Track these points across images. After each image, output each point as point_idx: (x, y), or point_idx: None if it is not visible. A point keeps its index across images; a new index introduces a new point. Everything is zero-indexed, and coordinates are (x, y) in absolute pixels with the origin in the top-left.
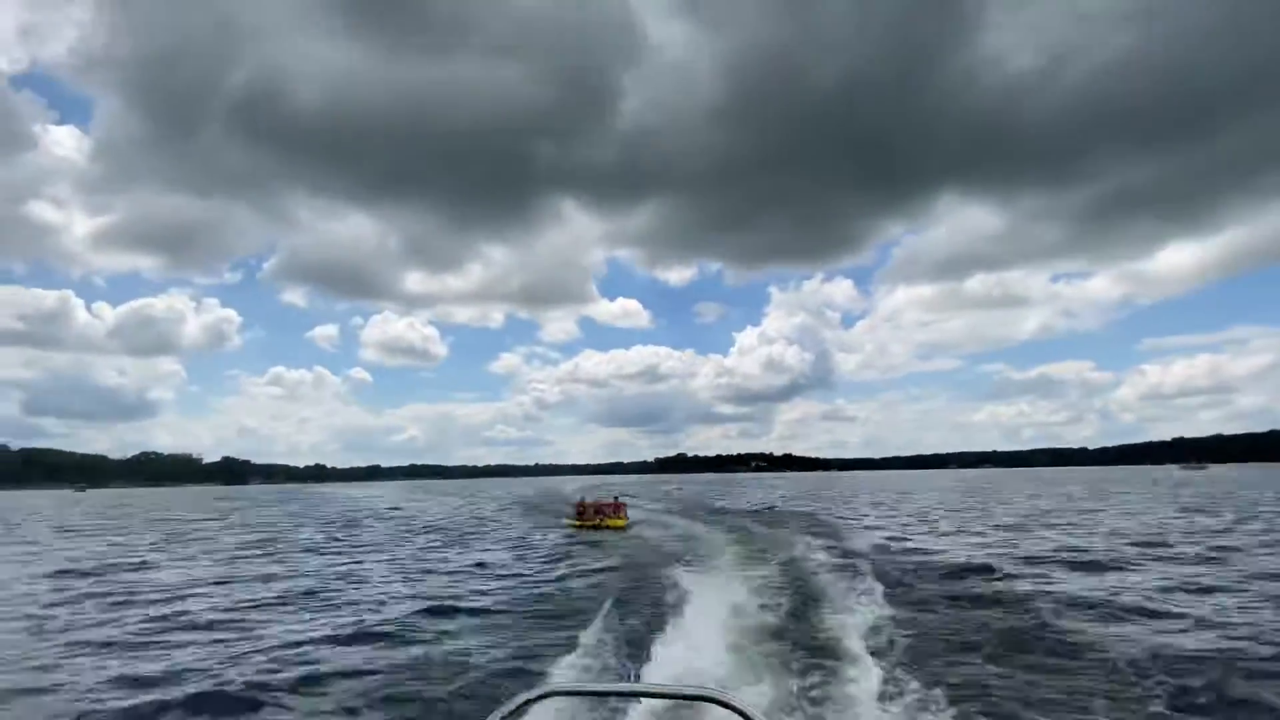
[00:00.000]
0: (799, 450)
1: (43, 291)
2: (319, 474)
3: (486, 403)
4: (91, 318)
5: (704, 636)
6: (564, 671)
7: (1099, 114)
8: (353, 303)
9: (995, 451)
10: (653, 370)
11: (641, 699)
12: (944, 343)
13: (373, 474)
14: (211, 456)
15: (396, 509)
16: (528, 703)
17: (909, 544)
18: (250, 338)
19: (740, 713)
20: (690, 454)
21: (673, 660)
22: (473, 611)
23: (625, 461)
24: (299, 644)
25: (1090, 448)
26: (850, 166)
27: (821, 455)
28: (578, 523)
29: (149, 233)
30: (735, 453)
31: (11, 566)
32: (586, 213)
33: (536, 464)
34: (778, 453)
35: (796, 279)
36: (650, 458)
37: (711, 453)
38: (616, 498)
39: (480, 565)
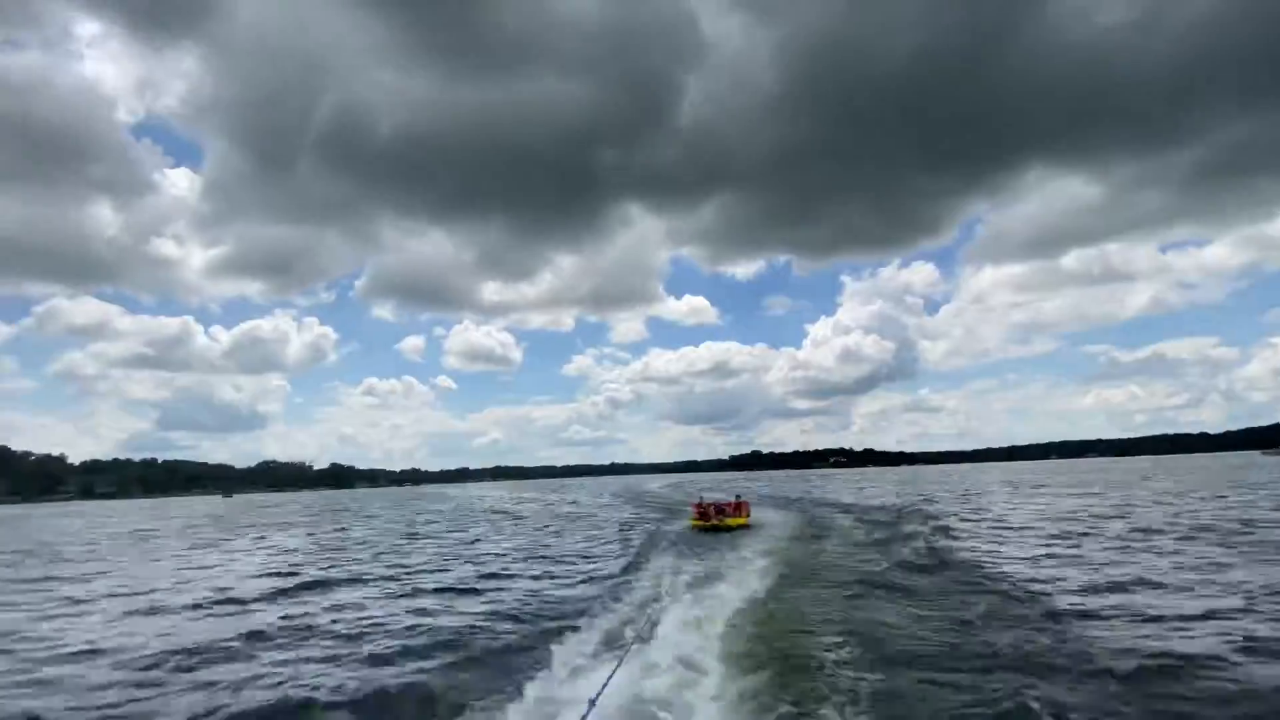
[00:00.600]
0: (880, 444)
1: (167, 319)
2: (415, 477)
3: (561, 404)
4: (209, 340)
5: None
6: None
7: (1202, 67)
8: (435, 314)
9: (1100, 440)
10: (723, 366)
11: None
12: (1040, 324)
13: (462, 476)
14: (319, 463)
15: (528, 502)
16: None
17: None
18: (345, 352)
19: None
20: (765, 450)
21: None
22: None
23: (700, 460)
24: None
25: (1212, 432)
26: (923, 146)
27: (905, 449)
28: (698, 522)
29: (255, 261)
30: (812, 448)
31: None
32: (651, 214)
33: (612, 463)
34: (857, 447)
35: (871, 266)
36: (725, 455)
37: (787, 449)
38: (738, 496)
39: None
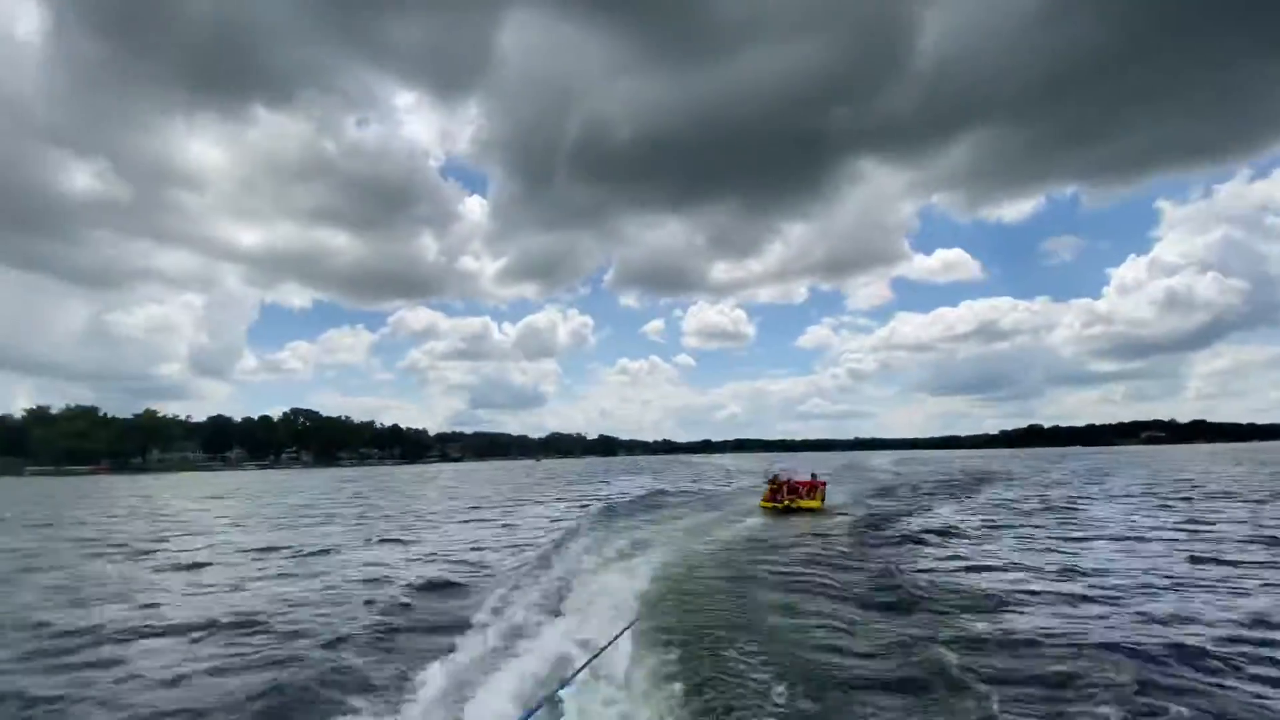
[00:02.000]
0: (1224, 414)
1: (473, 319)
2: (666, 447)
3: (797, 377)
4: (501, 335)
5: None
6: None
7: None
8: (673, 298)
9: None
10: (990, 327)
11: None
12: None
13: (706, 447)
14: (589, 435)
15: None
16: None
17: None
18: (601, 337)
19: None
20: (1048, 424)
21: None
22: None
23: (961, 435)
24: None
25: None
26: (1269, 22)
27: (1262, 419)
28: (769, 503)
29: (530, 266)
30: (1117, 420)
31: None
32: (887, 167)
33: (856, 438)
34: (1182, 418)
35: (1202, 184)
36: (994, 429)
37: (1080, 421)
38: (814, 475)
39: None
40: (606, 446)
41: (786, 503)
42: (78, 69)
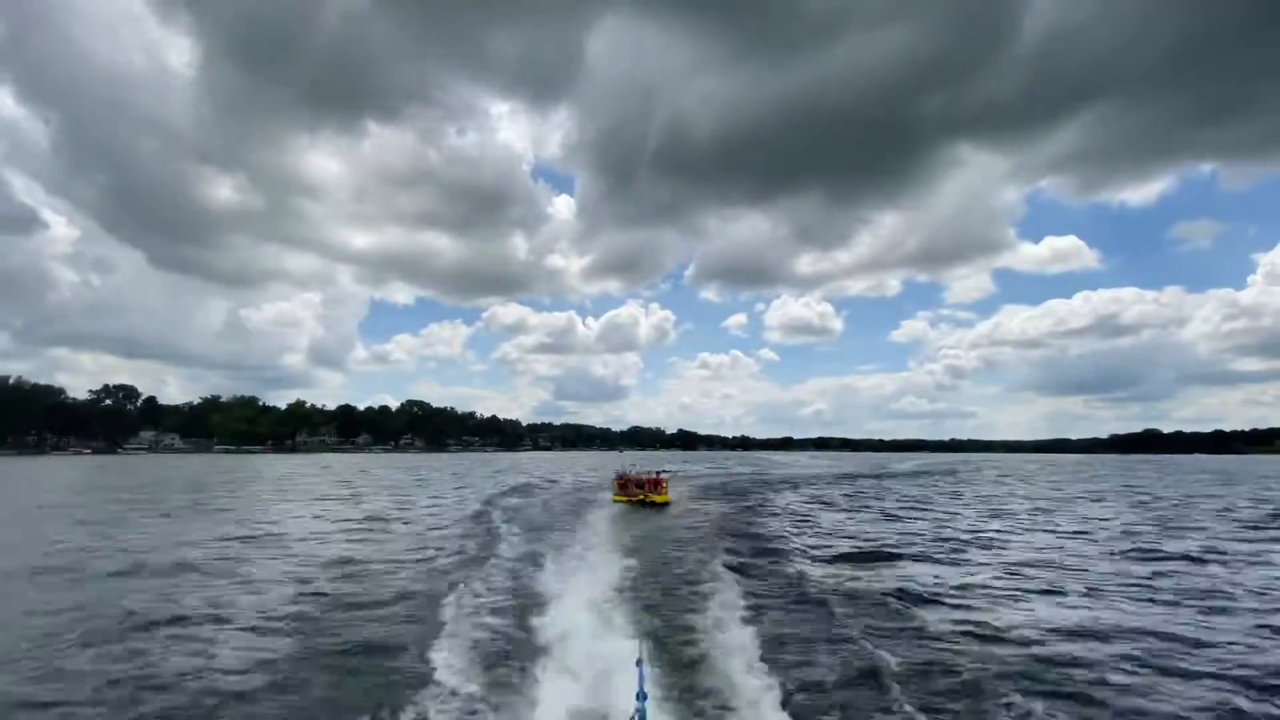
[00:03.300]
0: None
1: (559, 314)
2: (744, 443)
3: (889, 373)
4: (586, 329)
5: None
6: None
7: None
8: (755, 291)
9: None
10: (1110, 321)
11: None
12: None
13: (786, 444)
14: (668, 428)
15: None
16: None
17: None
18: (682, 331)
19: None
20: (1172, 429)
21: None
22: None
23: (1073, 439)
24: None
25: None
26: None
27: None
28: (622, 497)
29: (614, 263)
30: (1266, 426)
31: None
32: (988, 151)
33: (952, 439)
34: None
35: None
36: (1107, 433)
37: (1219, 425)
38: (658, 473)
39: None
40: (685, 440)
41: (641, 497)
42: (221, 95)
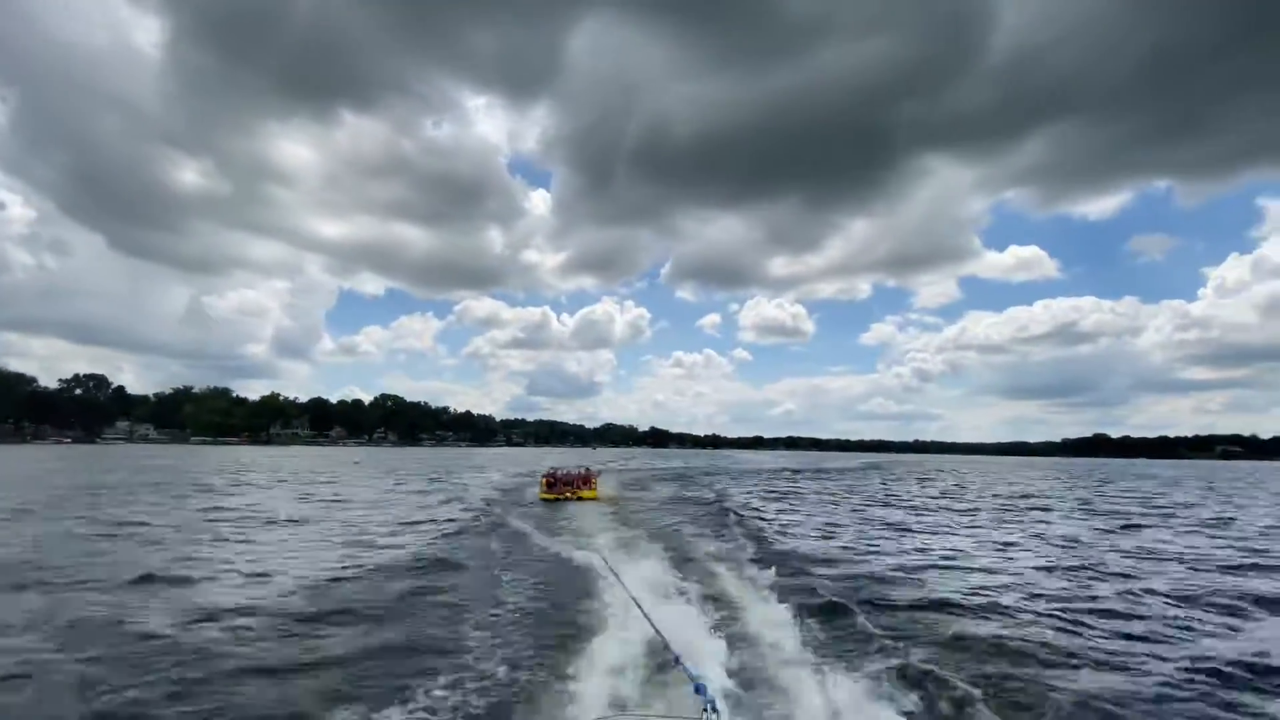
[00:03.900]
0: None
1: (533, 309)
2: (714, 442)
3: (858, 375)
4: (560, 325)
5: None
6: None
7: None
8: (729, 292)
9: None
10: (1069, 328)
11: None
12: None
13: (756, 444)
14: (640, 426)
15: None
16: None
17: None
18: (657, 329)
19: None
20: (1119, 434)
21: None
22: None
23: (1032, 442)
24: None
25: None
26: None
27: None
28: (550, 495)
29: (590, 259)
30: (1207, 432)
31: None
32: (954, 163)
33: (916, 440)
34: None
35: None
36: (1060, 437)
37: (1169, 431)
38: (587, 469)
39: None
40: (658, 438)
41: (567, 495)
42: (189, 77)
